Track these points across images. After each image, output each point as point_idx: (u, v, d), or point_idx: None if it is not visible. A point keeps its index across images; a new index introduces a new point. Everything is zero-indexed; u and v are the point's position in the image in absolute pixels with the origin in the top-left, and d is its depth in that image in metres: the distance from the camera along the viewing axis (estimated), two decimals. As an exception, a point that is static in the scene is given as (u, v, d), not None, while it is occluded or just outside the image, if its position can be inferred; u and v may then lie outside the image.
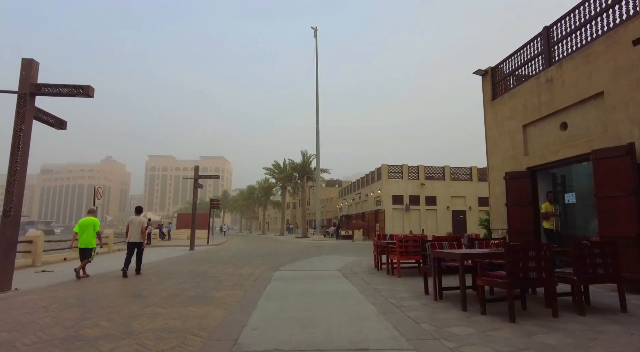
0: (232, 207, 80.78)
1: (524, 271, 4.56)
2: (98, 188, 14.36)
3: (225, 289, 7.16)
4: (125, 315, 5.00)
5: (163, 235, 33.79)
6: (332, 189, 58.09)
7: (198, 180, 20.68)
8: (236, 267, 10.91)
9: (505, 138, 10.30)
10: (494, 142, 10.86)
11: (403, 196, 30.28)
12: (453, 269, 6.20)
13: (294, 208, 61.24)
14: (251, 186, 66.51)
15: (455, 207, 30.71)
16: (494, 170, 10.83)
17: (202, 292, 6.81)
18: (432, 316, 4.78)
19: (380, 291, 6.73)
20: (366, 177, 36.02)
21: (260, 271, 9.89)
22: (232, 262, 12.70)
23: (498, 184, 10.62)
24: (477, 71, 11.47)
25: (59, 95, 7.72)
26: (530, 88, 9.28)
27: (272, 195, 58.32)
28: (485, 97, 11.42)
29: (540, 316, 4.68)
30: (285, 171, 43.58)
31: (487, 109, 11.30)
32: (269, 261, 12.99)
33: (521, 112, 9.62)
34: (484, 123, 11.43)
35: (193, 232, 20.38)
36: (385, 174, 30.51)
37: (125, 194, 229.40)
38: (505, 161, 10.27)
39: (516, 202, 9.40)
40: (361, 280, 8.06)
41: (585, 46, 7.65)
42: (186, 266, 11.40)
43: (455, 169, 31.66)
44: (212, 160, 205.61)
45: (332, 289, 6.95)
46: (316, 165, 33.56)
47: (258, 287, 7.21)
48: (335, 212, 50.60)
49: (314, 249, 19.51)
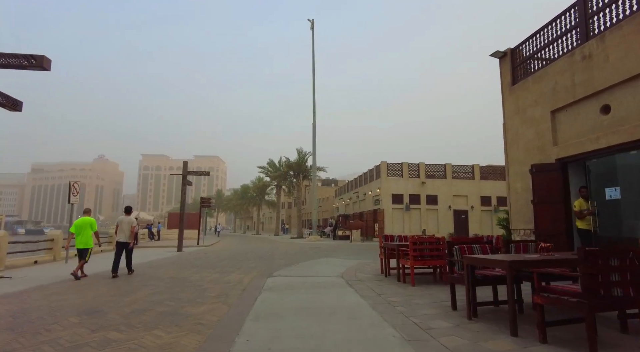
0: (226, 207, 79.29)
1: (607, 286, 3.35)
2: (74, 183, 12.98)
3: (205, 302, 5.88)
4: (62, 345, 3.72)
5: (152, 235, 32.33)
6: (328, 189, 56.85)
7: (187, 176, 19.34)
8: (224, 273, 9.62)
9: (529, 127, 9.12)
10: (515, 133, 9.67)
11: (403, 195, 29.11)
12: (489, 279, 4.98)
13: (289, 208, 59.93)
14: (245, 185, 65.05)
15: (457, 206, 29.59)
16: (515, 163, 9.65)
17: (176, 307, 5.53)
18: (476, 347, 3.55)
19: (395, 305, 5.49)
20: (364, 175, 34.81)
21: (250, 278, 8.61)
22: (220, 266, 11.41)
23: (519, 179, 9.44)
24: (494, 53, 10.28)
25: (6, 68, 6.40)
26: (561, 68, 8.10)
27: (266, 194, 56.95)
28: (503, 83, 10.23)
29: (627, 347, 3.47)
30: (280, 169, 42.26)
31: (505, 96, 10.12)
32: (261, 264, 11.71)
33: (549, 97, 8.43)
34: (503, 112, 10.25)
35: (181, 232, 19.05)
36: (385, 172, 29.33)
37: (118, 193, 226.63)
38: (529, 153, 9.09)
39: (544, 198, 8.20)
40: (369, 289, 6.82)
41: (638, 12, 6.46)
42: (168, 271, 10.10)
43: (457, 167, 30.54)
44: (206, 160, 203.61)
45: (337, 303, 5.70)
46: (313, 162, 32.31)
47: (246, 300, 5.94)
48: (331, 211, 49.36)
49: (310, 251, 18.25)
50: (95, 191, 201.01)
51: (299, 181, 39.26)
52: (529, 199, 9.02)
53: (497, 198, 30.02)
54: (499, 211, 29.82)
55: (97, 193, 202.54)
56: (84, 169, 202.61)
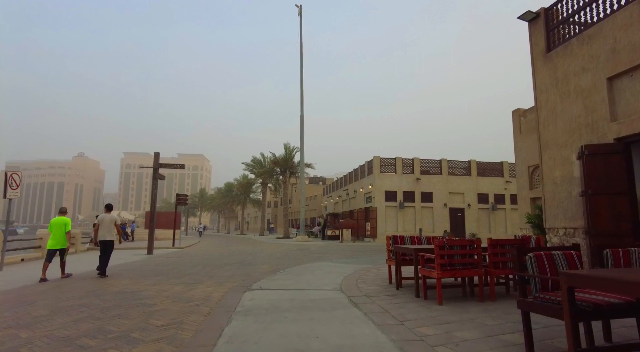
0: (209, 206, 76.57)
1: None
2: (12, 175, 10.70)
3: (143, 338, 3.86)
4: None
5: (126, 236, 29.81)
6: (316, 187, 54.89)
7: (158, 170, 17.11)
8: (190, 284, 7.57)
9: (574, 100, 7.33)
10: (551, 109, 7.89)
11: (397, 192, 27.34)
12: (603, 310, 3.09)
13: (275, 207, 57.74)
14: (229, 183, 62.43)
15: (453, 204, 27.99)
16: (552, 147, 7.86)
17: (91, 350, 3.49)
18: None
19: (434, 344, 3.57)
20: (355, 171, 32.93)
21: (222, 292, 6.59)
22: (189, 273, 9.33)
23: (558, 166, 7.66)
24: (523, 15, 8.48)
25: None
26: (624, 21, 6.32)
27: (252, 192, 54.58)
28: (534, 51, 8.44)
29: None
30: (266, 166, 40.07)
31: (538, 66, 8.33)
32: (240, 272, 9.67)
33: (605, 60, 6.66)
34: (534, 86, 8.46)
35: (151, 233, 16.82)
36: (378, 167, 27.51)
37: (99, 192, 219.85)
38: (573, 133, 7.30)
39: (601, 189, 6.41)
40: (384, 312, 4.90)
41: None
42: (120, 281, 7.99)
43: (453, 163, 28.95)
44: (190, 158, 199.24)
45: (345, 341, 3.74)
46: (300, 158, 30.31)
47: (207, 335, 3.94)
48: (319, 210, 47.41)
49: (298, 253, 16.26)
50: (74, 190, 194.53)
51: (286, 178, 37.16)
52: (571, 190, 7.25)
53: (494, 195, 28.57)
54: (497, 209, 28.42)
55: (76, 192, 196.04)
56: (62, 167, 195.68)
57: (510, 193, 28.70)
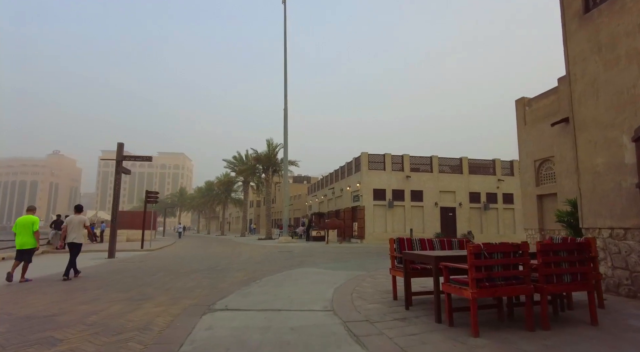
0: (189, 205, 73.85)
1: None
2: None
3: None
4: None
5: (95, 237, 27.43)
6: (301, 186, 53.16)
7: (122, 162, 15.11)
8: (135, 301, 5.78)
9: (625, 67, 5.86)
10: (591, 81, 6.42)
11: (385, 190, 25.86)
12: None
13: (258, 207, 55.70)
14: (209, 182, 59.96)
15: (444, 203, 26.69)
16: (592, 127, 6.40)
17: None
18: None
19: None
20: (342, 169, 31.32)
21: (172, 315, 4.85)
22: (142, 285, 7.52)
23: (600, 151, 6.19)
24: (553, -30, 7.00)
25: None
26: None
27: (233, 191, 52.37)
28: (567, 13, 6.98)
29: None
30: (248, 163, 38.07)
31: (571, 31, 6.86)
32: (206, 281, 7.90)
33: (672, 12, 5.19)
34: (565, 56, 6.99)
35: (113, 234, 14.83)
36: (366, 164, 25.98)
37: (76, 191, 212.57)
38: (624, 108, 5.84)
39: (671, 176, 4.93)
40: (399, 350, 3.27)
41: None
42: (45, 296, 6.16)
43: (444, 160, 27.65)
44: (170, 157, 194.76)
45: None
46: (284, 154, 28.52)
47: None
48: (303, 210, 45.68)
49: (280, 257, 14.53)
50: (48, 189, 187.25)
51: (268, 176, 35.29)
52: (620, 181, 5.80)
53: (486, 195, 27.43)
54: (489, 209, 27.30)
55: (51, 191, 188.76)
56: (36, 165, 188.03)
57: (502, 192, 27.63)
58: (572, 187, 11.14)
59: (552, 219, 12.71)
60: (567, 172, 12.99)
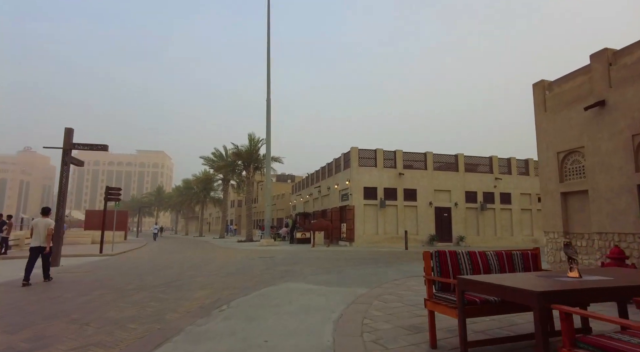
0: (167, 205, 70.43)
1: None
2: None
3: None
4: None
5: (53, 239, 24.45)
6: (284, 184, 50.79)
7: (70, 151, 12.56)
8: None
9: None
10: None
11: (377, 189, 23.85)
12: None
13: (239, 207, 53.02)
14: (187, 180, 56.89)
15: (439, 203, 24.86)
16: None
17: None
18: None
19: None
20: (329, 166, 29.14)
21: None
22: (56, 315, 5.17)
23: None
24: None
25: None
26: None
27: (212, 190, 49.56)
28: None
29: None
30: (228, 159, 35.46)
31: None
32: (150, 310, 5.59)
33: None
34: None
35: (57, 238, 12.24)
36: (356, 160, 23.89)
37: (49, 190, 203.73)
38: None
39: None
40: None
41: None
42: None
43: (439, 157, 25.85)
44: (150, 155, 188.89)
45: None
46: (267, 149, 26.18)
47: None
48: (287, 210, 43.33)
49: (260, 264, 12.24)
50: (19, 187, 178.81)
51: (250, 173, 32.84)
52: None
53: (483, 194, 25.74)
54: (486, 209, 25.63)
55: (21, 189, 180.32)
56: (5, 162, 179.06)
57: (500, 191, 26.00)
58: (609, 183, 9.35)
59: (582, 221, 10.83)
60: (601, 166, 10.89)
